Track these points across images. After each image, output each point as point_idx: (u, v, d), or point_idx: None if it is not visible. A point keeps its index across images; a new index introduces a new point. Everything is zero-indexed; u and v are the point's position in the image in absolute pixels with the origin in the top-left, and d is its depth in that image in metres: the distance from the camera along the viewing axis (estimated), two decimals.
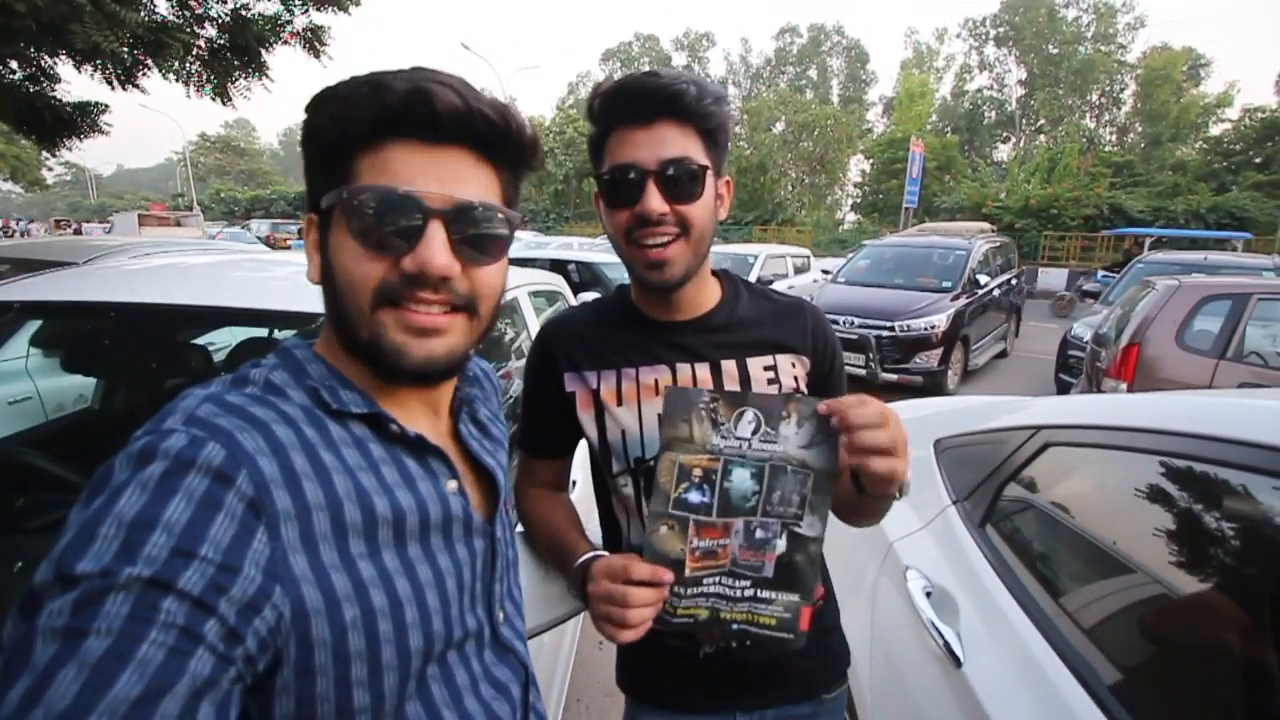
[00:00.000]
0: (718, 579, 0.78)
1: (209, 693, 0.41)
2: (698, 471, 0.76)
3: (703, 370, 0.94)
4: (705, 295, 0.98)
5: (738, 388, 0.94)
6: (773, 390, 0.95)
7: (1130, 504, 1.14)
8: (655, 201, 0.84)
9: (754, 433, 0.75)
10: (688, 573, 0.77)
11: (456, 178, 0.57)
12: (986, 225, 13.05)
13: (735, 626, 0.80)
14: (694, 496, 0.76)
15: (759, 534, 0.76)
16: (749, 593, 0.78)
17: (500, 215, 0.60)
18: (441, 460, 0.63)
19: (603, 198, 0.89)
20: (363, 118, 0.55)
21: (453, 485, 0.63)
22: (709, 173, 0.87)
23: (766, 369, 0.96)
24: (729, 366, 0.95)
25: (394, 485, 0.57)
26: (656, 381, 0.94)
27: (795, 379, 0.98)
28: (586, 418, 0.96)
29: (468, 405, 0.73)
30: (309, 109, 0.57)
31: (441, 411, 0.69)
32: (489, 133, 0.58)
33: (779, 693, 1.01)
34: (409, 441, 0.61)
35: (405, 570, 0.56)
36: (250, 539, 0.47)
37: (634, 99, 0.85)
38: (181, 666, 0.40)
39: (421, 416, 0.66)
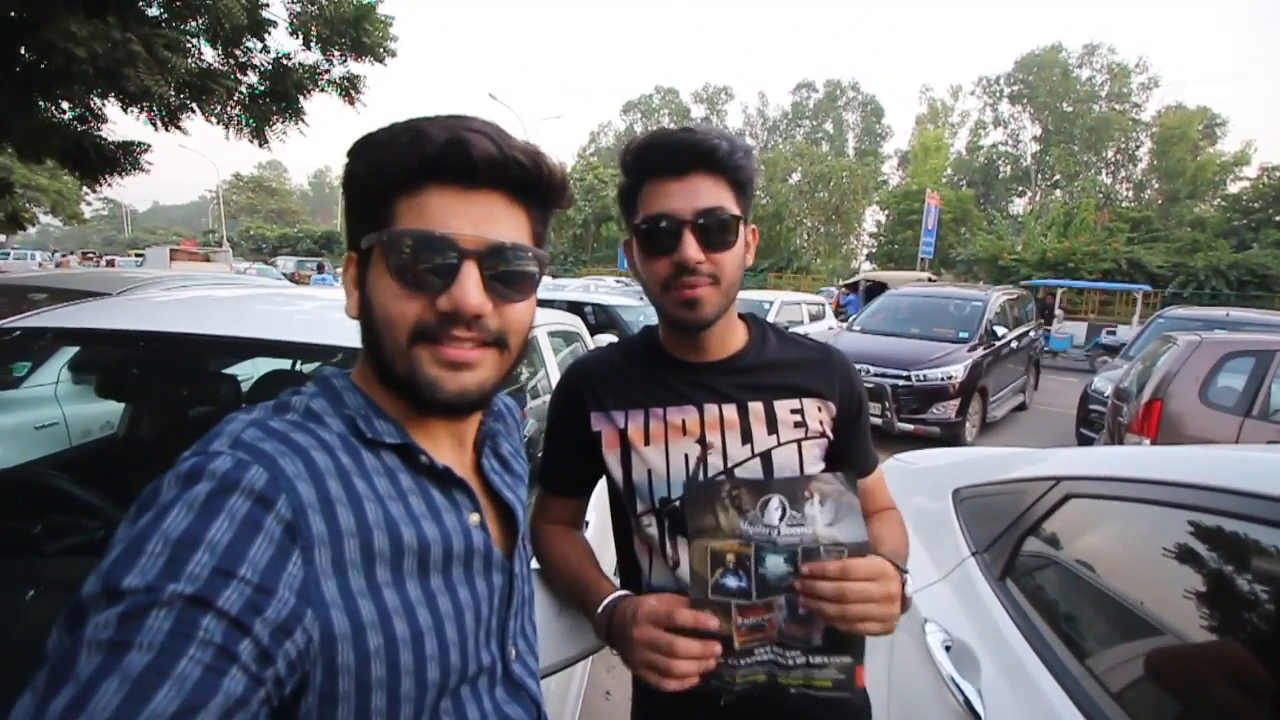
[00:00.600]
0: (769, 648, 0.79)
1: (239, 712, 0.42)
2: (731, 557, 0.77)
3: (730, 411, 0.95)
4: (733, 337, 0.99)
5: (764, 429, 0.95)
6: (799, 434, 0.95)
7: (1155, 559, 1.11)
8: (692, 250, 0.86)
9: (781, 518, 0.77)
10: (738, 645, 0.78)
11: (490, 219, 0.60)
12: (924, 275, 14.04)
13: (793, 690, 0.81)
14: (731, 581, 0.77)
15: (802, 610, 0.77)
16: (801, 660, 0.80)
17: (530, 255, 0.62)
18: (465, 493, 0.64)
19: (640, 246, 0.92)
20: (402, 165, 0.57)
21: (475, 518, 0.64)
22: (740, 222, 0.90)
23: (793, 412, 0.96)
24: (756, 408, 0.95)
25: (420, 516, 0.58)
26: (684, 422, 0.94)
27: (821, 423, 0.98)
28: (612, 457, 0.97)
29: (491, 439, 0.74)
30: (350, 155, 0.60)
31: (467, 444, 0.71)
32: (521, 177, 0.61)
33: None
34: (436, 473, 0.62)
35: (427, 601, 0.56)
36: (286, 561, 0.48)
37: (670, 153, 0.87)
38: (216, 684, 0.41)
39: (448, 448, 0.67)
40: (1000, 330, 7.27)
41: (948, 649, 1.27)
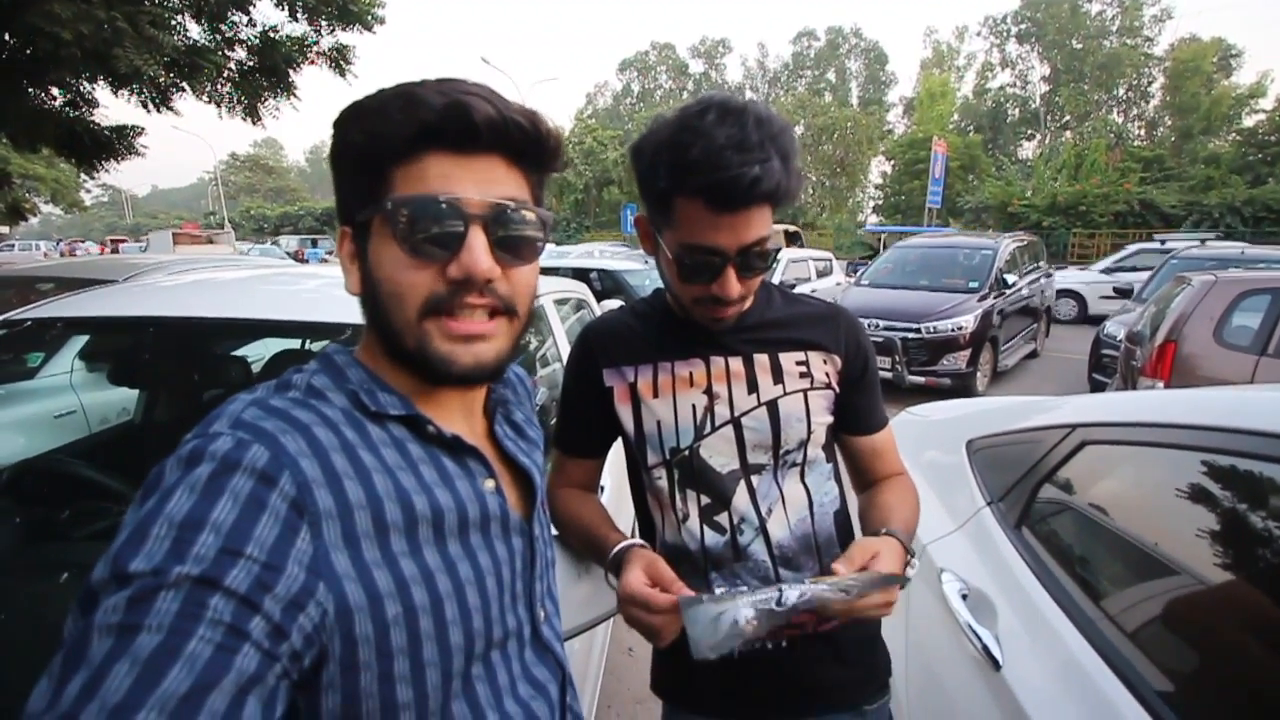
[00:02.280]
0: None
1: (255, 688, 0.42)
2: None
3: (736, 363, 0.96)
4: None
5: (770, 379, 0.96)
6: (805, 384, 0.97)
7: (1173, 503, 1.11)
8: (733, 287, 0.86)
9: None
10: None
11: (491, 183, 0.58)
12: (783, 228, 15.01)
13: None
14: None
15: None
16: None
17: (534, 215, 0.61)
18: (478, 460, 0.64)
19: (674, 265, 0.88)
20: (399, 132, 0.55)
21: (490, 484, 0.64)
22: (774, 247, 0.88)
23: (799, 363, 0.98)
24: (761, 359, 0.97)
25: (433, 484, 0.58)
26: (690, 374, 0.97)
27: (827, 374, 0.99)
28: (624, 410, 0.99)
29: (502, 406, 0.74)
30: (339, 125, 0.58)
31: (476, 413, 0.70)
32: (521, 139, 0.59)
33: (821, 701, 1.00)
34: (446, 442, 0.62)
35: (446, 568, 0.57)
36: (294, 538, 0.48)
37: (729, 188, 0.78)
38: (228, 663, 0.41)
39: (459, 417, 0.67)
40: (1010, 278, 7.18)
41: (964, 597, 1.29)
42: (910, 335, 6.31)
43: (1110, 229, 19.77)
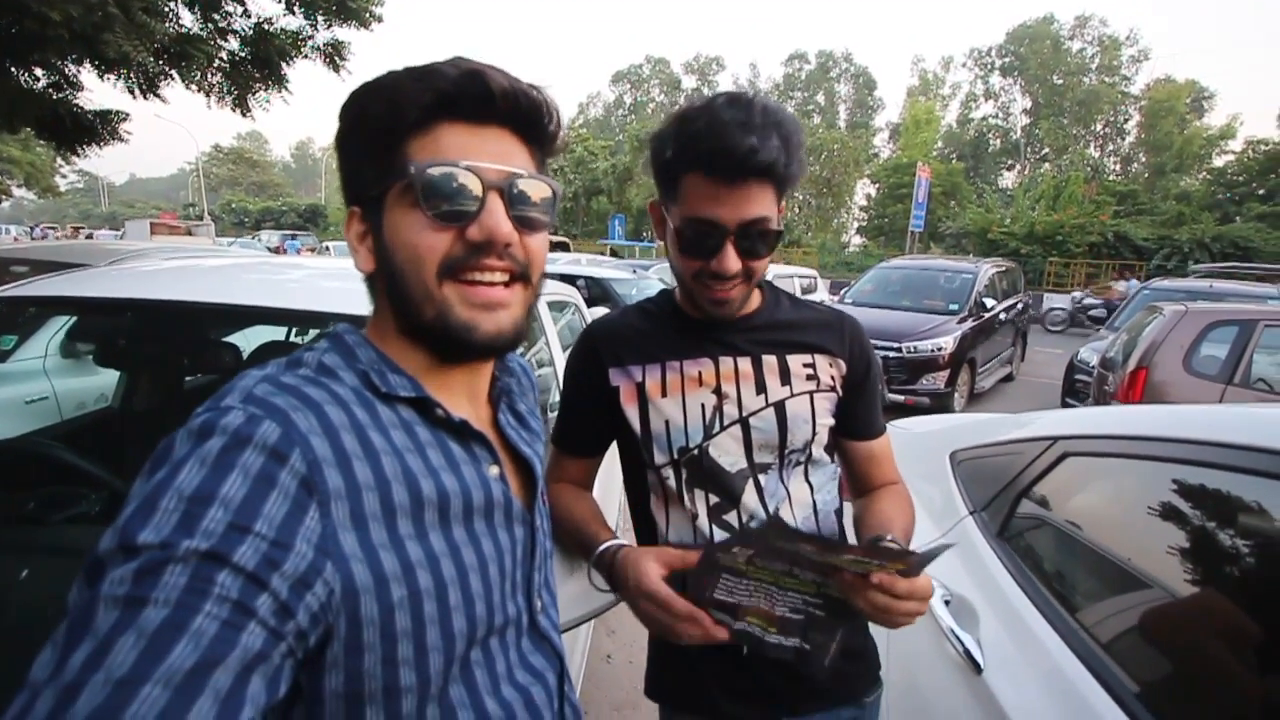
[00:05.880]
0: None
1: (260, 665, 0.42)
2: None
3: (745, 364, 0.97)
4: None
5: (777, 380, 0.97)
6: (811, 386, 0.98)
7: (1152, 514, 1.14)
8: (731, 262, 0.87)
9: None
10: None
11: (504, 153, 0.60)
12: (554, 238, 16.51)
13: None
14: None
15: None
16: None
17: (546, 185, 0.63)
18: (484, 445, 0.64)
19: (677, 240, 0.91)
20: (418, 102, 0.56)
21: (494, 470, 0.64)
22: (779, 231, 0.90)
23: (805, 365, 0.99)
24: (769, 360, 0.98)
25: (439, 468, 0.58)
26: (700, 373, 0.97)
27: (832, 378, 1.01)
28: (630, 410, 0.99)
29: (506, 396, 0.74)
30: (348, 104, 0.59)
31: (481, 399, 0.71)
32: (530, 111, 0.61)
33: (823, 697, 1.01)
34: (454, 426, 0.62)
35: (450, 553, 0.57)
36: (303, 516, 0.47)
37: (727, 157, 0.83)
38: (234, 639, 0.41)
39: (464, 402, 0.67)
40: (989, 302, 7.34)
41: (947, 603, 1.31)
42: (891, 354, 6.39)
43: (1085, 258, 20.29)
